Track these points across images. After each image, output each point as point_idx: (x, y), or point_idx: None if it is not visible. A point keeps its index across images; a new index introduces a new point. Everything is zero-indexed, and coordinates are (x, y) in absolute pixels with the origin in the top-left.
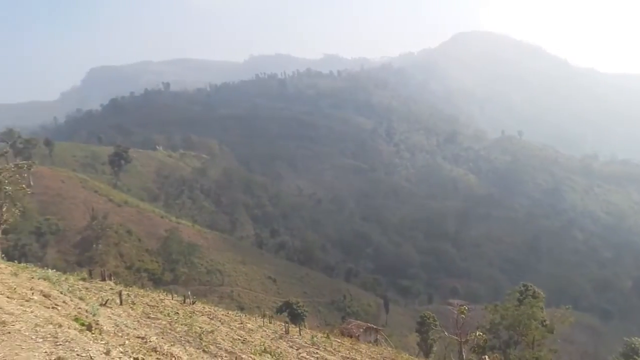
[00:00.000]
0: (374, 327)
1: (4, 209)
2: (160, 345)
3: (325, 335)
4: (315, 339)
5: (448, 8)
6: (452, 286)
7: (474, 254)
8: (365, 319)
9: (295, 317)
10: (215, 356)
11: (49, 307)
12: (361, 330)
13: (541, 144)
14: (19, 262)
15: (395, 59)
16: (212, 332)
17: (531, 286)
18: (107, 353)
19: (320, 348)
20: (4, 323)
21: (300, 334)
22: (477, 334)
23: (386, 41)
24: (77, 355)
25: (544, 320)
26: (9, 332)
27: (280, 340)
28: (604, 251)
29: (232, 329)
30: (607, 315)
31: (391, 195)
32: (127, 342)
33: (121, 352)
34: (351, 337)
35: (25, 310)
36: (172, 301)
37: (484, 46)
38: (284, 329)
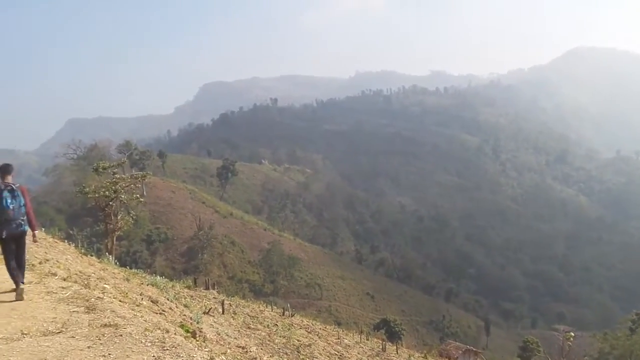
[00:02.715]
0: (474, 349)
1: (119, 217)
2: (260, 356)
3: (423, 356)
4: (412, 358)
5: (561, 23)
6: (559, 311)
7: (583, 279)
8: (465, 341)
9: (393, 335)
10: None
11: (157, 313)
12: (460, 352)
13: None
14: (130, 268)
15: (504, 75)
16: (309, 345)
17: None
18: None
19: None
20: (117, 326)
21: (397, 353)
22: None
23: (495, 57)
24: None
25: None
26: (121, 335)
27: (377, 358)
28: None
29: (329, 343)
30: None
31: (496, 215)
32: (228, 350)
33: None
34: (449, 358)
35: (135, 315)
36: (271, 313)
37: (600, 62)
38: (381, 347)
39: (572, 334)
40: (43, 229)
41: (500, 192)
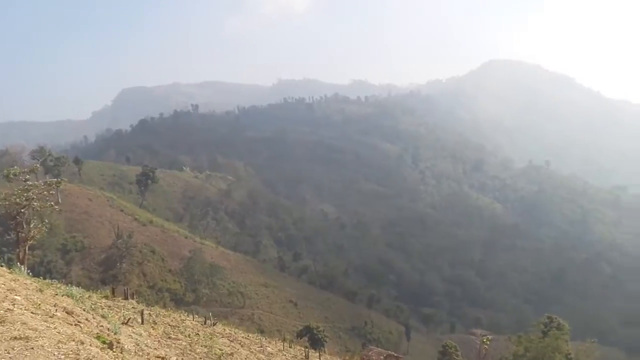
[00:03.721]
0: (395, 354)
1: (31, 225)
2: None
3: None
4: None
5: (476, 37)
6: (476, 316)
7: (499, 284)
8: (386, 347)
9: (316, 342)
10: None
11: (71, 324)
12: (382, 357)
13: (570, 175)
14: (44, 279)
15: (423, 86)
16: (231, 354)
17: (556, 318)
18: None
19: None
20: (27, 338)
21: None
22: None
23: (414, 68)
24: None
25: (569, 354)
26: (32, 348)
27: None
28: (631, 285)
29: (252, 352)
30: (633, 350)
31: (416, 222)
32: None
33: None
34: None
35: (48, 327)
36: (193, 322)
37: (514, 75)
38: (304, 354)
39: (489, 338)
40: None
41: (419, 199)
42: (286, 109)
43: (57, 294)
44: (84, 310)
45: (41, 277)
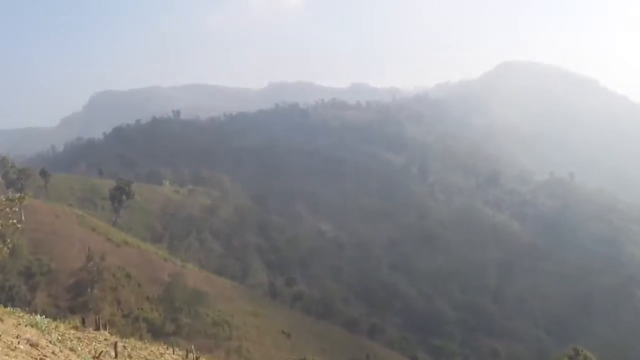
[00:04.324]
0: None
1: None
2: None
3: None
4: None
5: (490, 36)
6: (492, 347)
7: (517, 311)
8: None
9: None
10: None
11: (36, 358)
12: None
13: (596, 188)
14: (5, 306)
15: (431, 89)
16: None
17: (582, 350)
18: None
19: None
20: None
21: None
22: None
23: (421, 69)
24: None
25: None
26: None
27: None
28: None
29: None
30: None
31: (424, 242)
32: None
33: None
34: None
35: None
36: (173, 356)
37: (532, 78)
38: None
39: None
40: None
41: (427, 216)
42: (278, 115)
43: (19, 324)
44: (50, 343)
45: (1, 305)
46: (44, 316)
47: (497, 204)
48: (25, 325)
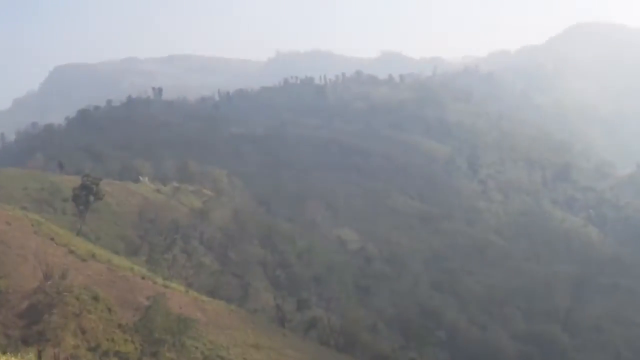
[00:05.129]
0: None
1: None
2: None
3: None
4: None
5: None
6: None
7: (594, 341)
8: None
9: None
10: None
11: None
12: None
13: None
14: None
15: (483, 60)
16: None
17: None
18: None
19: None
20: None
21: None
22: None
23: (470, 35)
24: None
25: None
26: None
27: None
28: None
29: None
30: None
31: (474, 254)
32: None
33: None
34: None
35: None
36: None
37: (612, 44)
38: None
39: None
40: None
41: (479, 222)
42: (287, 94)
43: None
44: None
45: None
46: None
47: (569, 205)
48: None
